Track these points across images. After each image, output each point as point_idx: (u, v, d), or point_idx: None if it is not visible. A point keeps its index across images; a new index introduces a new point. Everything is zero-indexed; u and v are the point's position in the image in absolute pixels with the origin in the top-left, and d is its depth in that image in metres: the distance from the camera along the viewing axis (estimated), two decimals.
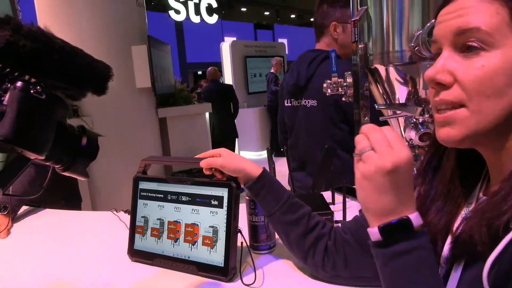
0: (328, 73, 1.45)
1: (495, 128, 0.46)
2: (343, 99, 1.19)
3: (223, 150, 0.85)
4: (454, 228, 0.53)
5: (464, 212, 0.54)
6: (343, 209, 1.06)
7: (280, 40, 14.31)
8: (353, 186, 1.25)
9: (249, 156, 6.81)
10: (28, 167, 1.46)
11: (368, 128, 0.50)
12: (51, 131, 0.56)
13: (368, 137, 0.50)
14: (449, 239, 0.53)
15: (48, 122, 0.55)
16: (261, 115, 6.73)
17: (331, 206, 1.14)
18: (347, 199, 1.16)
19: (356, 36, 1.06)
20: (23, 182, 1.38)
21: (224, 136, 5.01)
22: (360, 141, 0.50)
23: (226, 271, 0.80)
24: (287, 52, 8.07)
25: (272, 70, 6.52)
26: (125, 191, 3.27)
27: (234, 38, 7.76)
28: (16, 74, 0.52)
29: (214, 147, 4.46)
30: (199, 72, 14.70)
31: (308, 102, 1.55)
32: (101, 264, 0.96)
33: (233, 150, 5.28)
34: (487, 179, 0.55)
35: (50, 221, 1.34)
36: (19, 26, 0.50)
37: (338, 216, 1.08)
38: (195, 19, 12.12)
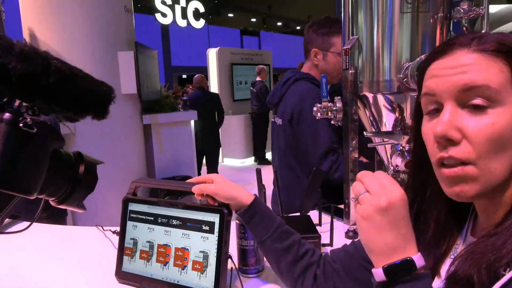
0: (292, 95, 1.55)
1: (501, 181, 0.49)
2: (332, 122, 1.22)
3: (216, 176, 0.86)
4: (446, 268, 0.55)
5: (452, 253, 0.57)
6: (331, 232, 1.09)
7: (265, 47, 14.40)
8: (339, 206, 1.28)
9: (232, 164, 6.81)
10: None
11: (362, 174, 0.53)
12: (42, 167, 0.51)
13: (362, 181, 0.52)
14: (436, 280, 0.55)
15: (38, 158, 0.50)
16: (246, 123, 6.75)
17: (318, 228, 1.16)
18: (334, 220, 1.18)
19: (347, 63, 1.08)
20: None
21: (208, 145, 4.99)
22: (355, 186, 0.52)
23: None
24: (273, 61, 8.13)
25: (258, 78, 6.56)
26: (107, 199, 3.24)
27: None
28: (5, 99, 0.47)
29: (197, 155, 4.45)
30: (184, 76, 14.63)
31: (278, 120, 1.62)
32: (88, 284, 0.95)
33: (217, 160, 5.27)
34: (474, 220, 0.57)
35: (33, 235, 1.31)
36: (9, 45, 0.45)
37: (325, 237, 1.09)
38: (182, 23, 12.07)
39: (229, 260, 0.85)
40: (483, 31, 1.01)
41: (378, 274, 0.49)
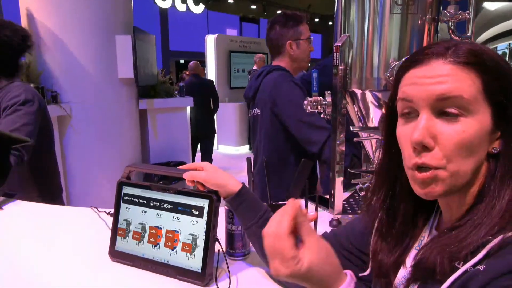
0: (267, 85, 1.66)
1: (466, 182, 0.53)
2: (322, 115, 1.26)
3: (206, 164, 0.90)
4: (411, 258, 0.60)
5: (418, 244, 0.62)
6: (315, 221, 1.14)
7: (265, 35, 14.29)
8: (326, 196, 1.33)
9: (227, 151, 6.86)
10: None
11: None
12: None
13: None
14: (402, 270, 0.61)
15: None
16: (242, 111, 6.77)
17: None
18: (319, 209, 1.24)
19: (338, 60, 1.12)
20: None
21: (203, 131, 5.02)
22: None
23: (203, 277, 0.86)
24: None
25: (254, 67, 6.56)
26: (101, 182, 3.28)
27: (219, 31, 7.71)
28: None
29: (192, 142, 4.48)
30: (182, 61, 14.54)
31: (255, 111, 1.74)
32: (82, 261, 1.00)
33: (211, 147, 5.31)
34: (439, 215, 0.63)
35: (28, 214, 1.36)
36: None
37: None
38: (181, 7, 11.98)
39: (217, 243, 0.90)
40: (468, 34, 1.06)
41: None
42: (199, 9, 12.30)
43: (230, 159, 6.28)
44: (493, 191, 0.51)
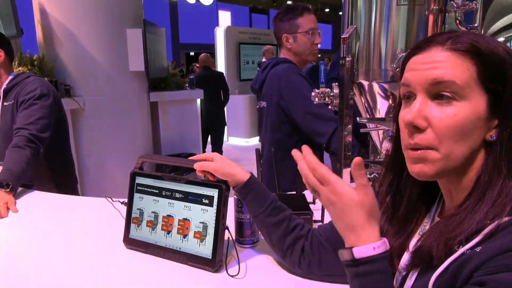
0: (274, 77, 1.67)
1: (458, 166, 0.56)
2: (330, 107, 1.28)
3: (215, 155, 0.93)
4: (412, 244, 0.63)
5: (421, 230, 0.64)
6: (322, 209, 1.17)
7: None
8: None
9: (237, 143, 6.89)
10: (24, 150, 1.53)
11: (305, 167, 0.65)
12: None
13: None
14: (405, 255, 0.63)
15: None
16: (252, 103, 6.78)
17: (312, 206, 1.23)
18: None
19: (344, 51, 1.14)
20: (21, 163, 1.45)
21: (213, 123, 5.06)
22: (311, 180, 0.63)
23: (213, 263, 0.89)
24: None
25: (264, 59, 6.55)
26: (114, 173, 3.35)
27: (229, 20, 7.69)
28: None
29: (202, 134, 4.52)
30: (192, 53, 14.57)
31: (262, 104, 1.75)
32: (97, 248, 1.05)
33: (222, 138, 5.35)
34: (442, 203, 0.64)
35: (45, 204, 1.41)
36: None
37: (317, 215, 1.17)
38: None
39: (226, 231, 0.93)
40: (475, 25, 1.06)
41: (344, 254, 0.60)
42: (208, 0, 12.27)
43: (240, 150, 6.32)
44: (486, 179, 0.53)
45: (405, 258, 0.64)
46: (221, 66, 7.05)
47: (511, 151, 0.53)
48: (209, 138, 5.27)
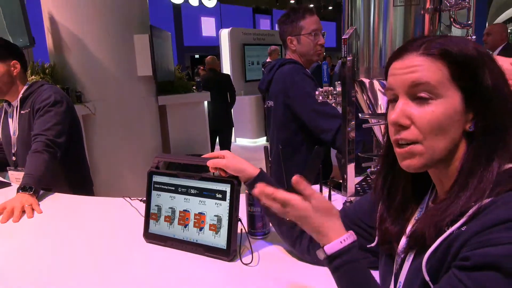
0: (280, 77, 1.73)
1: (443, 157, 0.62)
2: (333, 104, 1.34)
3: (226, 152, 1.00)
4: (409, 229, 0.69)
5: (416, 215, 0.70)
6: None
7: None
8: (340, 181, 1.41)
9: (244, 143, 6.96)
10: (43, 155, 1.63)
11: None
12: None
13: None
14: (403, 239, 0.69)
15: None
16: (258, 103, 6.84)
17: None
18: (332, 193, 1.32)
19: (345, 51, 1.20)
20: (41, 167, 1.53)
21: (220, 125, 5.14)
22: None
23: (228, 253, 0.96)
24: None
25: (268, 59, 6.61)
26: (126, 175, 3.42)
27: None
28: None
29: (210, 135, 4.60)
30: (196, 56, 14.69)
31: (269, 103, 1.81)
32: (119, 244, 1.12)
33: (230, 140, 5.42)
34: (435, 191, 0.71)
35: (66, 205, 1.49)
36: None
37: None
38: (194, 1, 12.06)
39: (239, 223, 1.00)
40: (469, 22, 1.12)
41: (319, 253, 0.67)
42: (211, 2, 12.37)
43: (248, 151, 6.38)
44: (468, 167, 0.60)
45: (403, 241, 0.70)
46: (226, 67, 7.12)
47: (487, 141, 0.59)
48: (217, 140, 5.35)
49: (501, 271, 0.49)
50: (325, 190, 1.41)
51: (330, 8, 17.31)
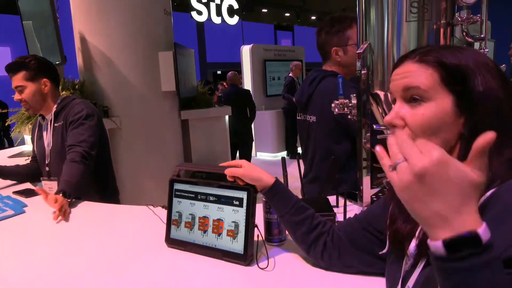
0: (325, 91, 1.65)
1: None
2: (349, 116, 1.37)
3: (243, 162, 1.05)
4: (418, 232, 0.71)
5: None
6: (344, 212, 1.25)
7: (299, 41, 14.41)
8: (355, 192, 1.43)
9: (265, 158, 7.00)
10: (80, 165, 1.73)
11: (396, 141, 0.51)
12: None
13: (399, 147, 0.50)
14: (413, 241, 0.71)
15: None
16: (278, 118, 6.91)
17: (335, 209, 1.32)
18: (348, 203, 1.35)
19: (360, 66, 1.24)
20: (77, 176, 1.63)
21: (240, 138, 5.22)
22: (393, 152, 0.51)
23: (245, 258, 1.00)
24: (305, 56, 8.22)
25: (290, 74, 6.70)
26: (149, 186, 3.52)
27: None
28: None
29: (231, 148, 4.68)
30: (219, 72, 14.97)
31: (310, 118, 1.73)
32: (142, 248, 1.18)
33: (250, 154, 5.48)
34: None
35: (94, 212, 1.57)
36: None
37: (340, 217, 1.26)
38: (216, 20, 12.37)
39: (256, 229, 1.04)
40: (482, 35, 1.14)
41: (435, 246, 0.46)
42: (233, 20, 12.65)
43: (268, 165, 6.42)
44: None
45: (413, 245, 0.72)
46: (247, 83, 7.24)
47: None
48: (237, 153, 5.42)
49: None
50: (342, 200, 1.43)
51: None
